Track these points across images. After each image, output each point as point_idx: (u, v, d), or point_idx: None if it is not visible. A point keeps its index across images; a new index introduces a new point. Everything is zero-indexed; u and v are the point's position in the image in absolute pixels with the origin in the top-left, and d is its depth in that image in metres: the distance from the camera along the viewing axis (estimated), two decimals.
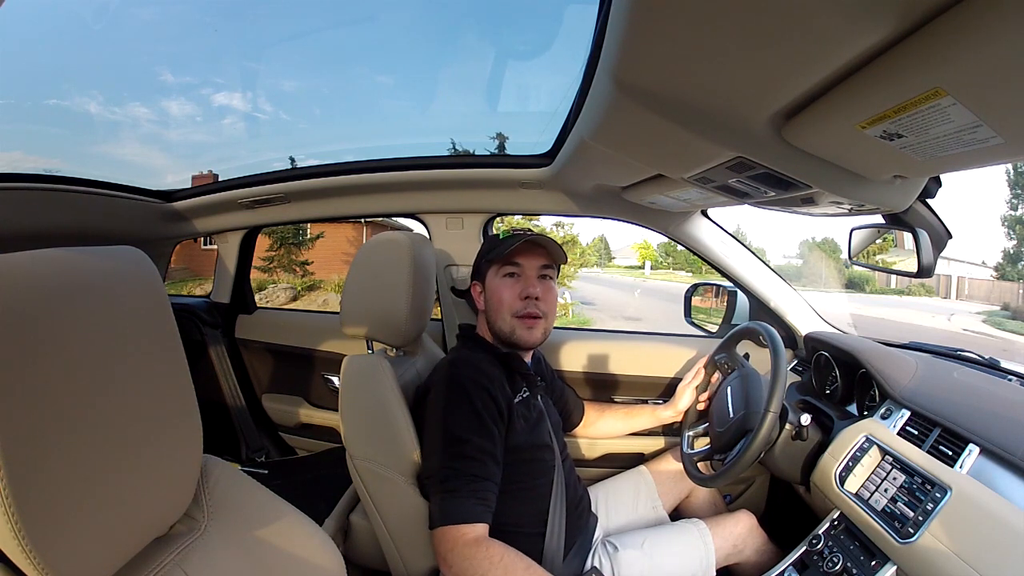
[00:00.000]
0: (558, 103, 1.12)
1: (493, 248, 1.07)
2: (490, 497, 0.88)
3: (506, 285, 1.04)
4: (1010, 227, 23.36)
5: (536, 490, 0.99)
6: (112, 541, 0.44)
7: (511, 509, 0.93)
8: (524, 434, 0.98)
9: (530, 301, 1.03)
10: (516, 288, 1.04)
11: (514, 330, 1.03)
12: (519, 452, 0.97)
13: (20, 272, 0.38)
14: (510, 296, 1.03)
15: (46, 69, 16.57)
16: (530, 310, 1.03)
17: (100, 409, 0.42)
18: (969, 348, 1.18)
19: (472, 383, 0.94)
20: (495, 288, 1.05)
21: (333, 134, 12.13)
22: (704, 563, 1.04)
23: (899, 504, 0.80)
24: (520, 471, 0.96)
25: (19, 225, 1.20)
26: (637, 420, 1.35)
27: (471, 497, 0.86)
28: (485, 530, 0.86)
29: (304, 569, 0.61)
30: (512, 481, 0.94)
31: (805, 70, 0.48)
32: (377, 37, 19.63)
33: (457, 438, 0.90)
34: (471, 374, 0.95)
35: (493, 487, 0.89)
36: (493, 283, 1.06)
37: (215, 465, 0.60)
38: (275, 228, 9.58)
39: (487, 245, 1.12)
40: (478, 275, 1.11)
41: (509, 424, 0.96)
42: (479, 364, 0.98)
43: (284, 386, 1.82)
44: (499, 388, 0.96)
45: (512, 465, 0.95)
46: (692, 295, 1.62)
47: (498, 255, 1.04)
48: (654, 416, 1.32)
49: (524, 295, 1.03)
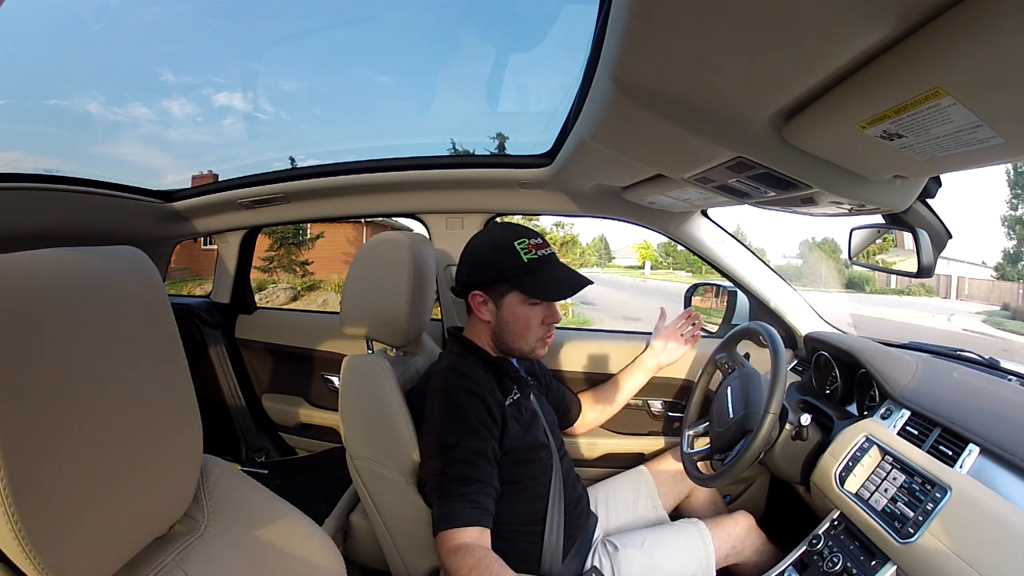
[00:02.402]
0: (558, 103, 1.12)
1: (517, 269, 0.99)
2: (483, 500, 0.88)
3: (533, 313, 1.03)
4: (1010, 227, 23.34)
5: (534, 489, 0.99)
6: (112, 541, 0.44)
7: (509, 508, 0.94)
8: (519, 436, 0.99)
9: (554, 325, 1.06)
10: (541, 314, 1.04)
11: (534, 350, 1.05)
12: (515, 454, 0.97)
13: (20, 272, 0.38)
14: (537, 322, 1.03)
15: (46, 69, 16.59)
16: (552, 332, 1.06)
17: (100, 409, 0.42)
18: (969, 348, 1.18)
19: (461, 391, 0.95)
20: (520, 314, 1.02)
21: (333, 134, 12.15)
22: (704, 563, 1.04)
23: (899, 504, 0.80)
24: (517, 472, 0.97)
25: (19, 225, 1.20)
26: (630, 381, 1.37)
27: (460, 500, 0.87)
28: (477, 534, 0.86)
29: (304, 569, 0.61)
30: (510, 481, 0.95)
31: (805, 70, 0.48)
32: (378, 37, 19.62)
33: (447, 444, 0.91)
34: (460, 382, 0.96)
35: (486, 488, 0.89)
36: (517, 308, 1.02)
37: (215, 465, 0.60)
38: (275, 228, 9.59)
39: (504, 260, 1.00)
40: (488, 288, 1.03)
41: (503, 427, 0.97)
42: (468, 371, 0.99)
43: (284, 386, 1.82)
44: (489, 393, 0.97)
45: (509, 467, 0.95)
46: (692, 295, 1.62)
47: (528, 286, 1.01)
48: (642, 369, 1.36)
49: (551, 320, 1.05)
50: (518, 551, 0.95)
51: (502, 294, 1.02)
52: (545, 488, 1.00)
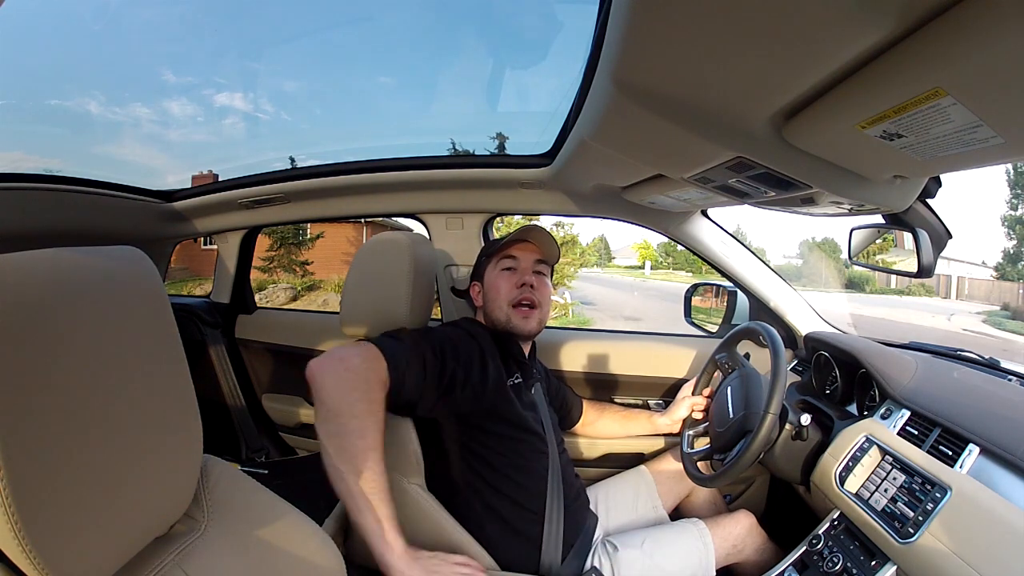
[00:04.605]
0: (558, 103, 1.12)
1: (492, 245, 1.16)
2: (412, 367, 0.87)
3: (503, 277, 1.11)
4: (1010, 227, 23.36)
5: (534, 472, 1.01)
6: (112, 541, 0.44)
7: (511, 479, 0.98)
8: (517, 413, 1.01)
9: (526, 288, 1.09)
10: (513, 279, 1.10)
11: (510, 319, 1.08)
12: (513, 427, 1.00)
13: (20, 272, 0.38)
14: (507, 286, 1.10)
15: (47, 69, 16.57)
16: (525, 296, 1.09)
17: (100, 409, 0.42)
18: (969, 348, 1.18)
19: (464, 330, 1.02)
20: (493, 280, 1.12)
21: (333, 134, 12.13)
22: (704, 563, 1.04)
23: (899, 504, 0.80)
24: (516, 449, 1.00)
25: (19, 225, 1.20)
26: (634, 425, 1.37)
27: (399, 344, 0.88)
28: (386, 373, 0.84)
29: (304, 569, 0.61)
30: (508, 453, 0.98)
31: (805, 70, 0.48)
32: (378, 38, 19.60)
33: (426, 331, 0.97)
34: (466, 325, 1.06)
35: (421, 371, 0.88)
36: (491, 276, 1.13)
37: (215, 465, 0.60)
38: (275, 228, 9.58)
39: (485, 248, 1.20)
40: (478, 275, 1.17)
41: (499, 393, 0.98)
42: (476, 328, 1.06)
43: (284, 386, 1.82)
44: (490, 354, 1.00)
45: (505, 438, 0.99)
46: (692, 295, 1.63)
47: (496, 248, 1.13)
48: (651, 423, 1.34)
49: (520, 283, 1.09)
50: (519, 531, 0.97)
51: (483, 273, 1.15)
52: (544, 473, 1.02)
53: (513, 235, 1.12)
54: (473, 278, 1.19)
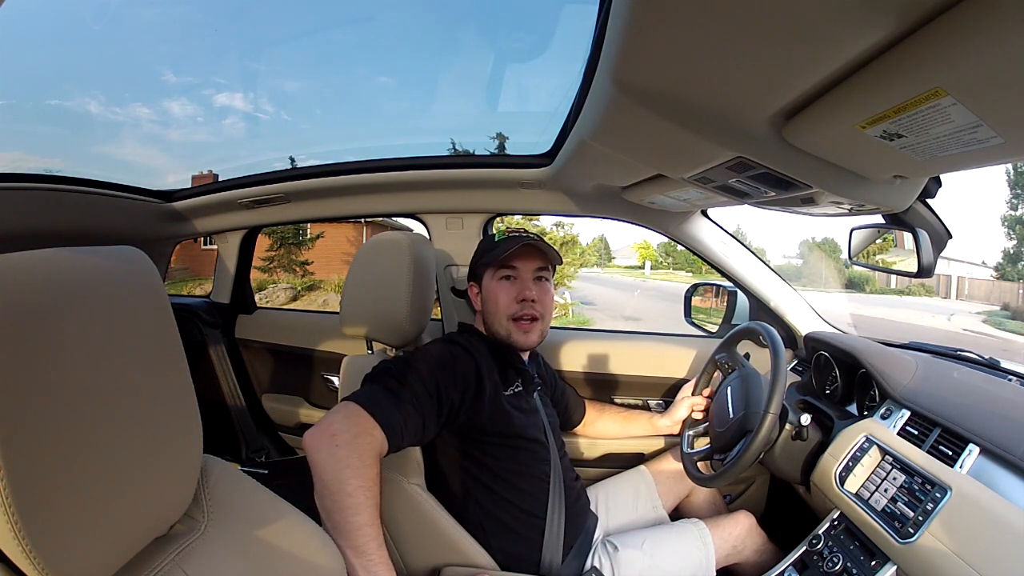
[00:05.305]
0: (558, 103, 1.12)
1: (489, 251, 1.08)
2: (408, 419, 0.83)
3: (502, 288, 1.05)
4: (1010, 227, 23.37)
5: (535, 477, 1.01)
6: (112, 541, 0.44)
7: (512, 484, 0.97)
8: (520, 425, 1.00)
9: (526, 303, 1.04)
10: (512, 291, 1.05)
11: (510, 333, 1.05)
12: (512, 438, 0.98)
13: (20, 272, 0.38)
14: (506, 299, 1.04)
15: (47, 69, 16.58)
16: (527, 311, 1.05)
17: (100, 409, 0.42)
18: (969, 348, 1.18)
19: (457, 346, 0.98)
20: (491, 291, 1.06)
21: (333, 134, 12.12)
22: (704, 563, 1.04)
23: (899, 504, 0.80)
24: (516, 457, 0.99)
25: (19, 225, 1.20)
26: (634, 426, 1.36)
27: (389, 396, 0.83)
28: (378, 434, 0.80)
29: (304, 569, 0.61)
30: (509, 461, 0.97)
31: (805, 70, 0.48)
32: (379, 38, 19.62)
33: (414, 361, 0.90)
34: (460, 340, 1.01)
35: (416, 416, 0.84)
36: (489, 286, 1.07)
37: (215, 465, 0.60)
38: (275, 228, 9.58)
39: (482, 248, 1.12)
40: (475, 277, 1.12)
41: (496, 410, 0.96)
42: (470, 341, 1.02)
43: (284, 386, 1.82)
44: (486, 369, 0.97)
45: (506, 447, 0.97)
46: (692, 295, 1.62)
47: (494, 259, 1.05)
48: (651, 424, 1.33)
49: (520, 298, 1.04)
50: (519, 532, 0.97)
51: (480, 277, 1.09)
52: (546, 479, 1.01)
53: (509, 243, 1.04)
54: (470, 279, 1.15)
